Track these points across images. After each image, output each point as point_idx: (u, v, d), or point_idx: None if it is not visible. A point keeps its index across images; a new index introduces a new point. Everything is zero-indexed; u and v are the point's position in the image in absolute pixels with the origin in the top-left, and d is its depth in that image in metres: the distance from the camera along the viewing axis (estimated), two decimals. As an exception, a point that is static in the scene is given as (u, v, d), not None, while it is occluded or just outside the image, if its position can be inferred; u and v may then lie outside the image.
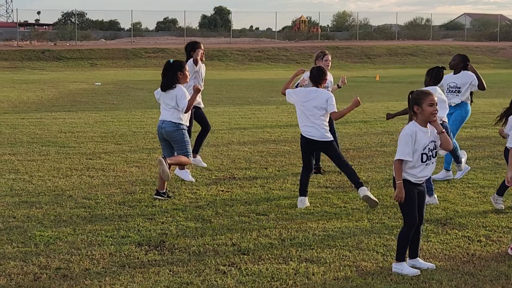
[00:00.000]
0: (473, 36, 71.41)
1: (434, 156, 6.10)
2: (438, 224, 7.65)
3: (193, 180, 9.72)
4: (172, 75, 8.72)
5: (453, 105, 10.29)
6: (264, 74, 39.86)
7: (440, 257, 6.54)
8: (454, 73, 10.57)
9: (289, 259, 6.43)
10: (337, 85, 10.89)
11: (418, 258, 6.29)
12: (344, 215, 8.04)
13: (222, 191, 9.23)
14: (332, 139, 8.61)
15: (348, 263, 6.34)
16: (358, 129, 15.79)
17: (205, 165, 10.63)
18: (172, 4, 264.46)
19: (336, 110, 8.62)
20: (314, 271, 6.10)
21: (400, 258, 6.15)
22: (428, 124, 6.05)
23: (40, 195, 8.82)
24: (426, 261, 6.35)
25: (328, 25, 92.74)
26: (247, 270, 6.10)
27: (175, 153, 8.87)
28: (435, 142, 6.08)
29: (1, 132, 14.33)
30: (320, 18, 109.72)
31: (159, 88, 8.89)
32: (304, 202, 8.44)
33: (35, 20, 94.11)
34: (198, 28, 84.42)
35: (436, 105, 5.99)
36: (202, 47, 10.38)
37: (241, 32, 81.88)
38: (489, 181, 10.03)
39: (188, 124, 9.07)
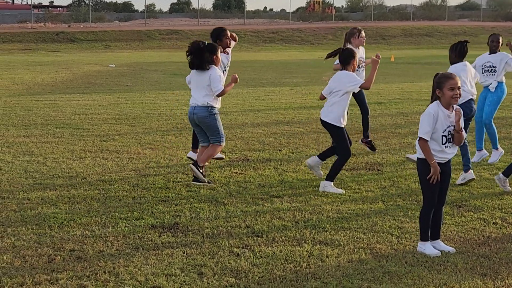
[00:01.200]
0: (489, 16, 70.68)
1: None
2: (454, 206, 7.60)
3: (223, 156, 9.64)
4: (205, 55, 8.36)
5: (489, 86, 10.09)
6: (278, 55, 39.70)
7: (455, 240, 6.49)
8: (490, 53, 10.33)
9: (303, 241, 6.40)
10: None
11: (439, 240, 6.26)
12: (359, 197, 8.00)
13: (236, 173, 9.20)
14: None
15: (362, 245, 6.31)
16: (373, 110, 15.64)
17: (223, 156, 9.84)
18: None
19: (363, 82, 8.52)
20: (328, 253, 6.08)
21: (423, 237, 6.16)
22: (454, 107, 6.02)
23: (54, 177, 8.83)
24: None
25: (342, 6, 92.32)
26: (260, 252, 6.08)
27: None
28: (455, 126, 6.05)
29: (16, 114, 14.36)
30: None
31: (191, 73, 8.61)
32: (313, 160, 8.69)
33: (49, 2, 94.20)
34: (212, 9, 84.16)
35: (459, 89, 5.94)
36: (228, 34, 9.79)
37: (255, 13, 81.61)
38: (505, 163, 9.94)
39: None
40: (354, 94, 10.28)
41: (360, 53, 10.64)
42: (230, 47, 9.82)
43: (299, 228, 6.80)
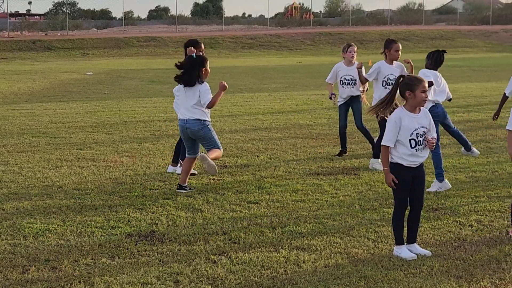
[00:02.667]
0: (466, 20, 71.24)
1: (424, 142, 6.06)
2: (430, 210, 7.63)
3: (196, 172, 9.45)
4: (196, 71, 8.31)
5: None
6: (257, 61, 39.71)
7: (431, 243, 6.51)
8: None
9: (280, 247, 6.39)
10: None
11: (415, 243, 6.28)
12: (336, 202, 8.01)
13: (213, 179, 9.18)
14: None
15: (339, 250, 6.32)
16: (349, 115, 15.72)
17: (195, 172, 9.53)
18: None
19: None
20: (304, 258, 6.07)
21: (398, 242, 6.18)
22: (422, 109, 6.04)
23: (30, 187, 8.76)
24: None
25: (320, 11, 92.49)
26: (237, 259, 6.06)
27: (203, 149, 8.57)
28: (426, 128, 6.04)
29: (-8, 123, 14.24)
30: (313, 4, 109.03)
31: (179, 85, 8.52)
32: None
33: (26, 10, 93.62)
34: (190, 16, 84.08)
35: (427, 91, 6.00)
36: (202, 47, 9.57)
37: (234, 19, 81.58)
38: (481, 165, 10.01)
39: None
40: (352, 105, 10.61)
41: (352, 69, 10.58)
42: None
43: (276, 234, 6.79)
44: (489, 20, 68.53)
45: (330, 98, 11.13)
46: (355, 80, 10.56)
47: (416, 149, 6.01)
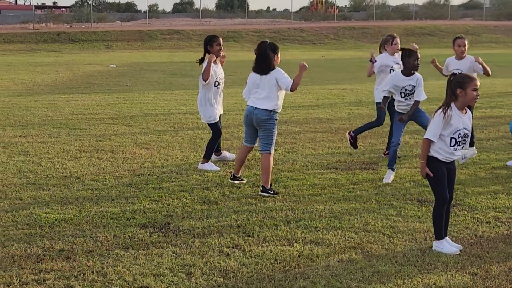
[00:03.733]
0: (492, 15, 70.51)
1: (464, 143, 6.09)
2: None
3: (218, 168, 9.42)
4: (270, 58, 8.13)
5: None
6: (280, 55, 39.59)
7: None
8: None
9: (294, 241, 6.37)
10: None
11: (446, 237, 6.26)
12: (352, 197, 7.96)
13: (230, 172, 9.16)
14: None
15: (353, 245, 6.28)
16: (371, 109, 15.64)
17: (218, 168, 9.49)
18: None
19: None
20: (318, 253, 6.05)
21: (438, 236, 6.17)
22: (467, 111, 6.04)
23: (48, 177, 8.81)
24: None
25: (345, 6, 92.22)
26: (250, 252, 6.05)
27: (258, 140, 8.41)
28: (467, 130, 6.04)
29: (14, 114, 14.35)
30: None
31: (253, 72, 8.31)
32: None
33: (52, 2, 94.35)
34: (214, 9, 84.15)
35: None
36: (221, 41, 9.51)
37: (258, 13, 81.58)
38: (501, 162, 9.90)
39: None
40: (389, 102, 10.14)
41: (396, 59, 10.45)
42: (220, 58, 9.65)
43: (290, 227, 6.77)
44: (516, 15, 67.81)
45: (371, 60, 10.26)
46: None
47: (454, 148, 6.01)
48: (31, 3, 71.27)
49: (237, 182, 8.52)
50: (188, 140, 11.49)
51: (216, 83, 9.51)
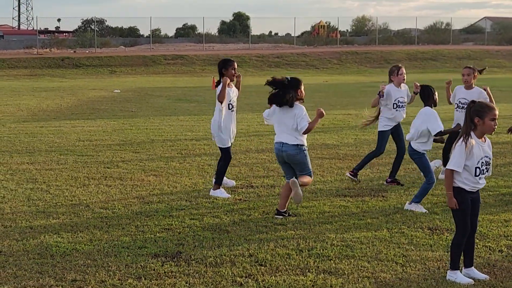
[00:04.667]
0: (494, 40, 70.85)
1: (487, 171, 6.08)
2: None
3: (229, 195, 9.37)
4: (291, 91, 8.18)
5: None
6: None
7: (460, 268, 6.41)
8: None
9: (307, 270, 6.35)
10: (414, 92, 10.36)
11: (472, 267, 6.25)
12: (363, 225, 7.94)
13: (240, 200, 9.16)
14: None
15: (366, 274, 6.25)
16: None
17: (228, 196, 9.41)
18: (191, 10, 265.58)
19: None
20: (332, 283, 6.02)
21: (454, 266, 6.15)
22: (486, 138, 6.06)
23: (58, 205, 8.80)
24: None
25: (347, 30, 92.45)
26: (264, 282, 6.02)
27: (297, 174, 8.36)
28: (489, 158, 6.04)
29: (20, 140, 14.37)
30: (339, 23, 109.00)
31: (273, 106, 8.38)
32: None
33: (55, 27, 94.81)
34: (217, 34, 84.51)
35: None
36: (235, 65, 9.63)
37: (260, 37, 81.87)
38: (510, 188, 9.89)
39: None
40: (392, 131, 10.13)
41: (403, 91, 10.46)
42: (234, 80, 9.67)
43: (303, 256, 6.75)
44: (517, 40, 68.07)
45: (379, 94, 10.22)
46: (405, 103, 10.46)
47: (479, 178, 6.01)
48: (34, 28, 71.67)
49: (280, 217, 8.28)
50: (196, 166, 11.49)
51: (230, 106, 9.56)
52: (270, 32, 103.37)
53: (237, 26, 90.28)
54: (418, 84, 9.75)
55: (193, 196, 9.34)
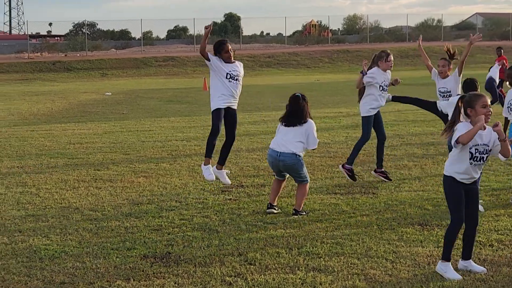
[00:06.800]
0: (485, 36, 70.75)
1: (482, 160, 6.02)
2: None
3: (213, 178, 9.31)
4: (303, 110, 8.37)
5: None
6: (275, 79, 39.74)
7: (450, 263, 6.40)
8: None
9: (297, 268, 6.32)
10: (392, 83, 10.36)
11: (471, 260, 6.26)
12: (353, 222, 7.92)
13: (230, 199, 9.13)
14: None
15: (356, 271, 6.23)
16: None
17: (229, 182, 9.60)
18: (183, 12, 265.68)
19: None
20: (321, 280, 6.00)
21: (445, 257, 6.13)
22: (488, 128, 5.97)
23: (47, 208, 8.76)
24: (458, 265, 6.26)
25: (338, 29, 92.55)
26: (253, 281, 6.00)
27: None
28: (488, 146, 6.00)
29: (11, 144, 14.31)
30: (331, 21, 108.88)
31: (285, 122, 8.50)
32: None
33: (47, 31, 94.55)
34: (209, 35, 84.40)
35: (490, 106, 5.96)
36: (229, 47, 9.28)
37: (252, 38, 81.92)
38: (501, 183, 9.89)
39: None
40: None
41: (387, 76, 10.41)
42: (232, 61, 9.33)
43: (292, 255, 6.72)
44: (508, 35, 68.24)
45: (362, 72, 10.20)
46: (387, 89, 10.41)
47: (471, 163, 5.96)
48: (26, 33, 71.49)
49: (275, 211, 8.38)
50: (186, 167, 11.46)
51: (228, 76, 9.18)
52: (262, 32, 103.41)
53: (228, 27, 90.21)
54: (400, 80, 9.81)
55: (183, 197, 9.31)
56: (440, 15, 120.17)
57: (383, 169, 10.35)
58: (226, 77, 9.16)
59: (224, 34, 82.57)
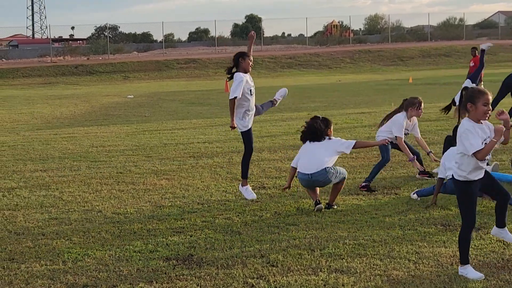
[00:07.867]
0: (508, 34, 70.45)
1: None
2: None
3: (255, 196, 9.30)
4: (324, 130, 8.67)
5: None
6: (296, 80, 39.72)
7: (474, 263, 6.35)
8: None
9: (319, 269, 6.31)
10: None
11: (505, 228, 6.35)
12: (376, 223, 7.89)
13: (252, 201, 9.13)
14: None
15: (379, 272, 6.20)
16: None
17: (255, 196, 9.36)
18: (204, 14, 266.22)
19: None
20: (344, 281, 5.97)
21: (463, 261, 6.08)
22: (484, 122, 5.94)
23: (70, 211, 8.82)
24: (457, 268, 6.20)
25: (360, 29, 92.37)
26: (275, 283, 5.99)
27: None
28: (489, 137, 5.94)
29: (34, 148, 14.44)
30: (352, 22, 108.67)
31: (308, 141, 8.77)
32: None
33: (69, 35, 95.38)
34: (230, 37, 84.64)
35: (490, 105, 5.92)
36: (251, 58, 9.47)
37: (273, 39, 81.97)
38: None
39: None
40: None
41: (409, 124, 10.36)
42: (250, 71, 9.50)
43: (315, 256, 6.71)
44: (531, 33, 67.64)
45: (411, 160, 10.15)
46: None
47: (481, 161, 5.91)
48: (48, 37, 72.07)
49: (322, 206, 8.57)
50: (208, 169, 11.48)
51: (251, 92, 9.30)
52: (283, 33, 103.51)
53: (249, 28, 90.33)
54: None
55: (205, 199, 9.33)
56: (462, 14, 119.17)
57: (424, 169, 10.34)
58: (251, 94, 9.27)
59: (246, 36, 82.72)
